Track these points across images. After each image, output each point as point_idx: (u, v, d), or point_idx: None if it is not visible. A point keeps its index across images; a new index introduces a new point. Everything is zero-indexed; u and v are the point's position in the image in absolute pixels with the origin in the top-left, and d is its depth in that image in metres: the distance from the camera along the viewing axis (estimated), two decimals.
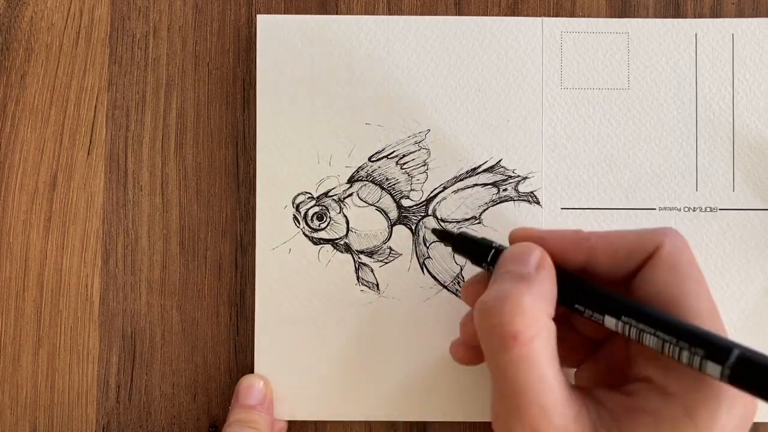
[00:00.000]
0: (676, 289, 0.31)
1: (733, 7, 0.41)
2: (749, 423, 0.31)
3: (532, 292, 0.30)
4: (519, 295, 0.30)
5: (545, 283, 0.31)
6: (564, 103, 0.40)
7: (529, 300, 0.30)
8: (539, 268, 0.32)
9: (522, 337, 0.29)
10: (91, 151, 0.41)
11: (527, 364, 0.29)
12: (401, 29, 0.41)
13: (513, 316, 0.29)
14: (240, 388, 0.39)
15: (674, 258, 0.31)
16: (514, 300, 0.30)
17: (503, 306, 0.30)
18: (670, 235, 0.32)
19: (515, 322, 0.29)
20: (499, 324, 0.29)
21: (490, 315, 0.30)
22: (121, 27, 0.41)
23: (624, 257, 0.32)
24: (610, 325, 0.31)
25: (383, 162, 0.40)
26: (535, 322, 0.30)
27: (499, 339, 0.29)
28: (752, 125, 0.40)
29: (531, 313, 0.30)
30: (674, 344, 0.29)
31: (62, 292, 0.41)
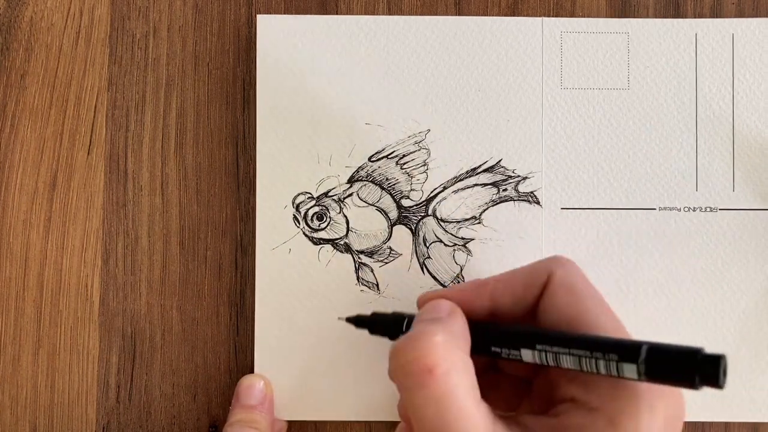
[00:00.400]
0: (576, 308, 0.32)
1: (733, 7, 0.41)
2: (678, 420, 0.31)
3: (444, 329, 0.31)
4: (432, 333, 0.30)
5: (457, 324, 0.32)
6: (564, 103, 0.40)
7: (442, 336, 0.30)
8: (450, 314, 0.32)
9: (437, 371, 0.29)
10: (91, 151, 0.41)
11: (446, 399, 0.29)
12: (401, 29, 0.41)
13: (427, 350, 0.29)
14: (240, 388, 0.39)
15: (567, 281, 0.32)
16: (426, 336, 0.30)
17: (416, 342, 0.30)
18: (559, 261, 0.33)
19: (429, 355, 0.29)
20: (414, 359, 0.29)
21: (404, 353, 0.30)
22: (121, 27, 0.41)
23: (522, 292, 0.33)
24: (527, 357, 0.32)
25: (383, 162, 0.40)
26: (449, 355, 0.30)
27: (415, 376, 0.29)
28: (752, 125, 0.40)
29: (444, 347, 0.30)
30: (589, 357, 0.30)
31: (62, 292, 0.41)
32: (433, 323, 0.31)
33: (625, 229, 0.40)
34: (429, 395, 0.29)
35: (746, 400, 0.39)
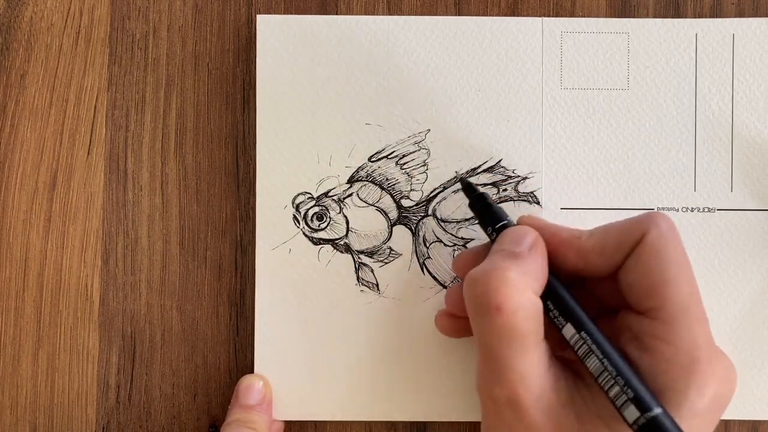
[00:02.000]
0: (657, 276, 0.32)
1: (733, 7, 0.41)
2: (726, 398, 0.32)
3: (519, 268, 0.32)
4: (506, 269, 0.31)
5: (534, 263, 0.32)
6: (564, 103, 0.40)
7: (515, 274, 0.31)
8: (531, 249, 0.33)
9: (505, 308, 0.30)
10: (91, 151, 0.41)
11: (508, 334, 0.31)
12: (401, 29, 0.41)
13: (498, 288, 0.31)
14: (239, 387, 0.39)
15: (658, 244, 0.32)
16: (500, 273, 0.31)
17: (489, 278, 0.31)
18: (656, 219, 0.33)
19: (499, 293, 0.31)
20: (484, 294, 0.31)
21: (476, 285, 0.31)
22: (121, 27, 0.41)
23: (613, 251, 0.33)
24: (567, 334, 0.33)
25: (383, 162, 0.40)
26: (518, 295, 0.31)
27: (484, 308, 0.31)
28: (751, 125, 0.40)
29: (515, 287, 0.31)
30: (612, 376, 0.31)
31: (62, 292, 0.41)
32: (510, 258, 0.32)
33: None
34: (493, 327, 0.31)
35: (746, 399, 0.39)
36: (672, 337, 0.31)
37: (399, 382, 0.39)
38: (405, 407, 0.39)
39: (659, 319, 0.32)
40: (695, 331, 0.31)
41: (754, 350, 0.40)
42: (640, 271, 0.32)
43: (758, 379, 0.40)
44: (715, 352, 0.32)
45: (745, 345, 0.40)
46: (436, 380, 0.39)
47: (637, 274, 0.32)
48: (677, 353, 0.31)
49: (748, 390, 0.40)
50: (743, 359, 0.40)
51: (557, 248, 0.34)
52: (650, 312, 0.32)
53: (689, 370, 0.31)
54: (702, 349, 0.31)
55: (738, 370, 0.39)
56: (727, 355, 0.33)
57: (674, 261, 0.32)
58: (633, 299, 0.33)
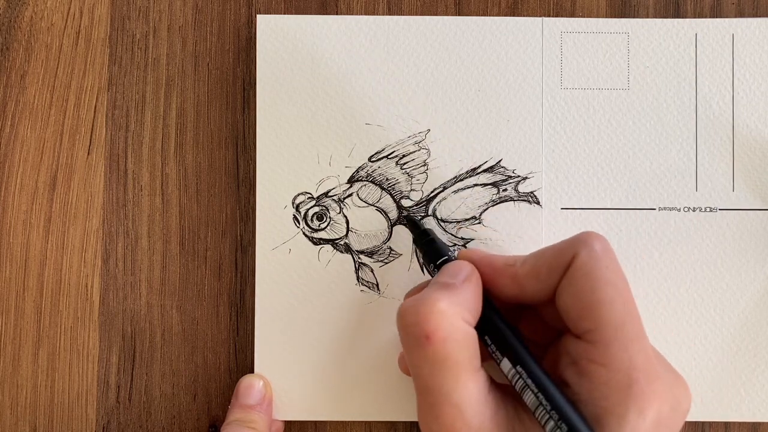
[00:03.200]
0: (589, 297, 0.31)
1: (733, 7, 0.41)
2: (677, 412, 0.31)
3: (450, 298, 0.32)
4: (436, 299, 0.31)
5: (466, 293, 0.32)
6: (564, 103, 0.40)
7: (445, 304, 0.31)
8: (465, 281, 0.33)
9: (435, 337, 0.30)
10: (91, 151, 0.41)
11: (440, 363, 0.30)
12: (401, 29, 0.41)
13: (427, 316, 0.31)
14: (239, 387, 0.39)
15: (588, 265, 0.32)
16: (430, 302, 0.31)
17: (419, 307, 0.31)
18: (586, 242, 0.32)
19: (429, 322, 0.31)
20: (414, 324, 0.31)
21: (406, 315, 0.31)
22: (121, 27, 0.41)
23: (546, 275, 0.33)
24: (504, 368, 0.33)
25: (383, 162, 0.40)
26: (448, 324, 0.31)
27: (414, 338, 0.31)
28: (752, 125, 0.40)
29: (445, 316, 0.31)
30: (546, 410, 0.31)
31: (62, 292, 0.41)
32: (442, 289, 0.32)
33: (625, 229, 0.40)
34: (425, 357, 0.31)
35: (746, 400, 0.39)
36: (608, 360, 0.31)
37: (399, 382, 0.39)
38: (405, 407, 0.39)
39: (594, 342, 0.31)
40: (631, 351, 0.31)
41: (756, 351, 0.39)
42: (573, 293, 0.32)
43: (761, 380, 0.39)
44: (655, 370, 0.31)
45: (747, 345, 0.39)
46: None
47: (569, 297, 0.32)
48: (614, 376, 0.30)
49: (749, 391, 0.39)
50: (745, 360, 0.39)
51: (494, 278, 0.34)
52: (586, 335, 0.32)
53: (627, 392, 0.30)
54: (639, 370, 0.30)
55: (739, 371, 0.39)
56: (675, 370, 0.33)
57: (606, 280, 0.32)
58: (569, 322, 0.32)
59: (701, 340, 0.39)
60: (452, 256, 0.36)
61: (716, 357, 0.39)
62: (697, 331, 0.39)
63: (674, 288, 0.40)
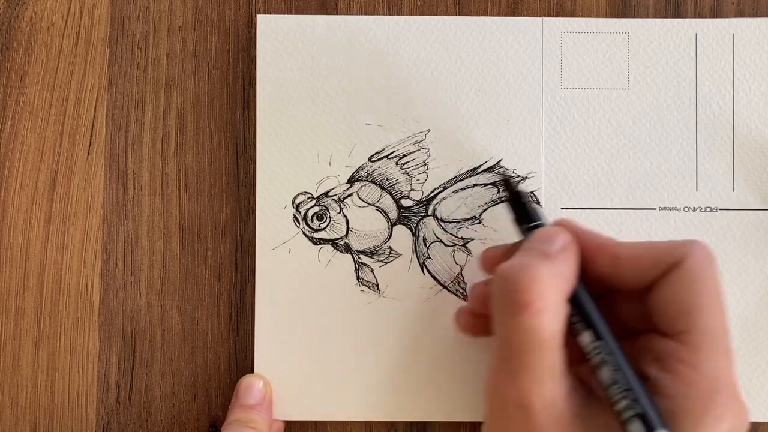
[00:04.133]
0: (691, 300, 0.32)
1: (733, 7, 0.41)
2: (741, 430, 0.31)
3: (550, 268, 0.31)
4: (537, 267, 0.31)
5: (565, 265, 0.32)
6: (564, 103, 0.40)
7: (546, 274, 0.31)
8: (563, 250, 0.32)
9: (532, 307, 0.30)
10: (91, 151, 0.41)
11: (531, 332, 0.30)
12: (401, 29, 0.41)
13: (528, 285, 0.30)
14: (240, 387, 0.39)
15: (697, 271, 0.32)
16: (532, 270, 0.31)
17: (521, 274, 0.31)
18: (696, 248, 0.32)
19: (529, 290, 0.30)
20: (514, 290, 0.31)
21: (507, 281, 0.31)
22: (121, 27, 0.41)
23: (648, 266, 0.33)
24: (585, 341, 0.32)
25: (383, 162, 0.40)
26: (548, 296, 0.31)
27: (511, 304, 0.31)
28: (752, 125, 0.40)
29: (545, 287, 0.31)
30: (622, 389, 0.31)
31: (62, 292, 0.41)
32: (541, 258, 0.32)
33: (625, 229, 0.40)
34: (519, 325, 0.30)
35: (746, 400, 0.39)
36: (697, 363, 0.31)
37: (399, 382, 0.39)
38: (405, 407, 0.39)
39: (686, 344, 0.31)
40: (720, 363, 0.31)
41: (757, 351, 0.39)
42: (675, 292, 0.32)
43: (761, 380, 0.39)
44: (737, 389, 0.31)
45: (748, 346, 0.39)
46: (436, 380, 0.39)
47: (671, 296, 0.32)
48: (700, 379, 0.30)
49: (749, 392, 0.39)
50: (746, 360, 0.39)
51: (592, 252, 0.33)
52: (678, 336, 0.32)
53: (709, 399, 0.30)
54: (726, 382, 0.31)
55: (740, 371, 0.39)
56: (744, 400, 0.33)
57: (711, 289, 0.32)
58: (661, 321, 0.32)
59: None
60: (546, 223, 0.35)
61: None
62: None
63: None
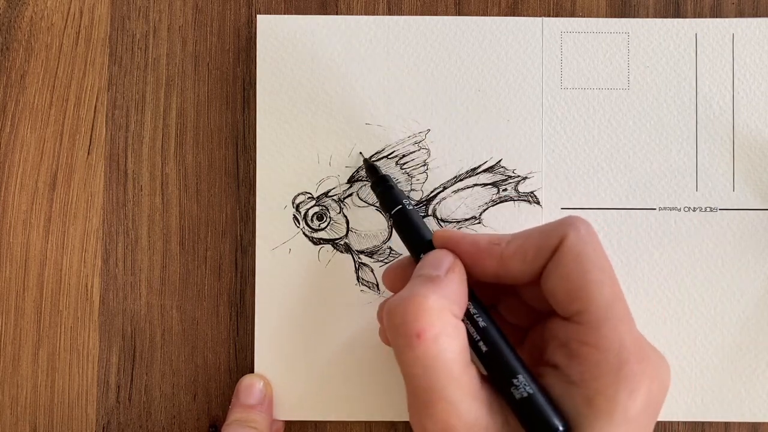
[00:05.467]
0: (578, 279, 0.31)
1: (733, 7, 0.41)
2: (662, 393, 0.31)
3: (437, 292, 0.31)
4: (423, 295, 0.31)
5: (452, 285, 0.32)
6: (564, 103, 0.40)
7: (433, 300, 0.30)
8: (449, 272, 0.32)
9: (426, 335, 0.30)
10: (91, 151, 0.41)
11: (432, 362, 0.30)
12: (401, 29, 0.41)
13: (416, 315, 0.30)
14: (240, 387, 0.39)
15: (578, 248, 0.32)
16: (417, 300, 0.30)
17: (407, 306, 0.30)
18: (574, 224, 0.32)
19: (418, 320, 0.30)
20: (403, 323, 0.30)
21: (395, 315, 0.31)
22: (121, 27, 0.41)
23: (533, 257, 0.33)
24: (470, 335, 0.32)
25: (383, 162, 0.40)
26: (438, 320, 0.30)
27: (404, 338, 0.30)
28: (752, 125, 0.40)
29: (434, 312, 0.30)
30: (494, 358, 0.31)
31: (62, 292, 0.41)
32: (427, 283, 0.31)
33: (625, 229, 0.40)
34: (417, 357, 0.30)
35: (746, 400, 0.39)
36: (598, 340, 0.31)
37: (399, 382, 0.39)
38: (405, 407, 0.39)
39: (584, 323, 0.31)
40: (621, 332, 0.31)
41: (756, 351, 0.39)
42: (561, 275, 0.32)
43: (761, 380, 0.39)
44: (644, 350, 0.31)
45: (748, 346, 0.39)
46: None
47: (558, 279, 0.32)
48: (605, 356, 0.30)
49: (749, 392, 0.39)
50: (745, 360, 0.39)
51: (478, 258, 0.33)
52: (574, 316, 0.31)
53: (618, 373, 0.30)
54: (630, 350, 0.30)
55: (740, 371, 0.39)
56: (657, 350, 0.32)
57: (594, 263, 0.32)
58: (557, 304, 0.32)
59: (701, 340, 0.39)
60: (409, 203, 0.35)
61: (716, 357, 0.39)
62: (697, 331, 0.39)
63: (674, 288, 0.40)
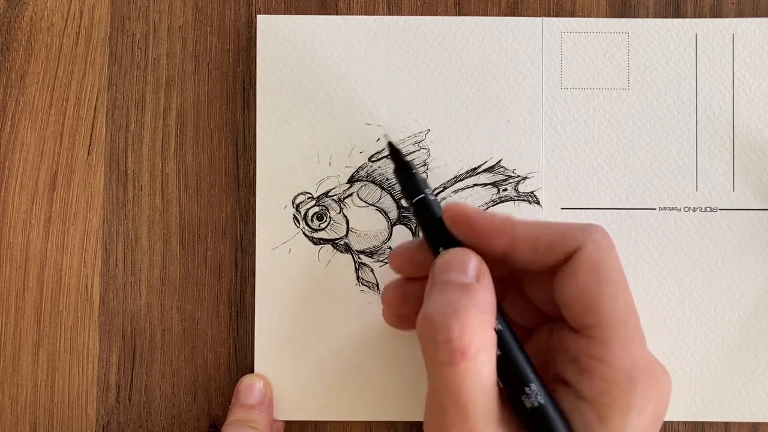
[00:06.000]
0: (593, 293, 0.31)
1: (733, 7, 0.41)
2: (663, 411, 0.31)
3: (475, 304, 0.30)
4: (466, 309, 0.30)
5: (486, 294, 0.31)
6: (564, 103, 0.40)
7: (473, 313, 0.30)
8: (480, 278, 0.31)
9: (469, 352, 0.29)
10: (91, 151, 0.41)
11: (472, 378, 0.29)
12: (401, 29, 0.41)
13: (462, 331, 0.29)
14: (240, 387, 0.39)
15: (595, 260, 0.31)
16: (460, 314, 0.29)
17: (452, 321, 0.29)
18: (593, 234, 0.32)
19: (462, 336, 0.29)
20: (448, 340, 0.29)
21: (438, 330, 0.29)
22: (121, 27, 0.41)
23: (544, 251, 0.32)
24: None
25: (383, 162, 0.40)
26: (481, 335, 0.29)
27: (446, 353, 0.29)
28: (752, 125, 0.40)
29: (475, 327, 0.29)
30: None
31: (62, 292, 0.41)
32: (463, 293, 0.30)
33: (625, 229, 0.40)
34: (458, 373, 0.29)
35: (746, 400, 0.39)
36: (609, 357, 0.30)
37: (399, 382, 0.39)
38: (405, 407, 0.39)
39: (595, 338, 0.31)
40: (632, 350, 0.31)
41: (756, 351, 0.39)
42: (576, 286, 0.31)
43: (761, 380, 0.39)
44: (652, 368, 0.31)
45: (748, 346, 0.39)
46: None
47: (572, 289, 0.31)
48: (616, 373, 0.30)
49: (749, 392, 0.39)
50: (745, 360, 0.39)
51: (489, 234, 0.32)
52: (586, 330, 0.31)
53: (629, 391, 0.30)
54: (640, 369, 0.30)
55: (740, 371, 0.39)
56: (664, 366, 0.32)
57: (611, 278, 0.31)
58: (569, 315, 0.32)
59: (701, 340, 0.39)
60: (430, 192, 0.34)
61: (716, 357, 0.39)
62: (697, 331, 0.39)
63: (674, 288, 0.40)
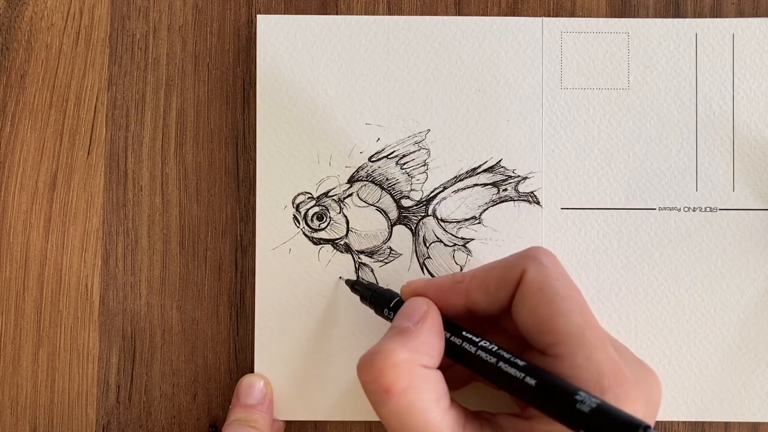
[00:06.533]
0: (545, 311, 0.31)
1: (733, 7, 0.41)
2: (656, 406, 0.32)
3: (405, 345, 0.31)
4: (390, 350, 0.31)
5: (422, 335, 0.32)
6: (564, 103, 0.40)
7: (400, 353, 0.31)
8: (420, 322, 0.32)
9: (394, 390, 0.30)
10: (91, 151, 0.41)
11: (405, 414, 0.30)
12: (401, 29, 0.41)
13: (382, 371, 0.30)
14: (240, 387, 0.39)
15: (539, 280, 0.32)
16: (384, 356, 0.31)
17: (374, 362, 0.31)
18: (533, 256, 0.33)
19: (385, 375, 0.30)
20: (372, 380, 0.31)
21: (364, 371, 0.31)
22: (121, 27, 0.41)
23: (495, 289, 0.33)
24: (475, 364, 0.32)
25: (383, 162, 0.40)
26: (405, 374, 0.30)
27: (374, 394, 0.31)
28: (752, 125, 0.40)
29: (401, 366, 0.30)
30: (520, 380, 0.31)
31: (62, 292, 0.41)
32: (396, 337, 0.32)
33: (625, 229, 0.40)
34: (390, 411, 0.30)
35: (746, 400, 0.39)
36: (575, 372, 0.30)
37: None
38: None
39: (560, 356, 0.31)
40: (596, 359, 0.31)
41: (756, 351, 0.39)
42: (528, 309, 0.32)
43: (761, 380, 0.39)
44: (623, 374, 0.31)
45: (748, 346, 0.39)
46: None
47: (525, 313, 0.32)
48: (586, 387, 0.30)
49: (749, 391, 0.39)
50: (745, 360, 0.39)
51: (445, 298, 0.34)
52: (549, 350, 0.32)
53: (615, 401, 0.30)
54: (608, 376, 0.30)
55: (740, 371, 0.39)
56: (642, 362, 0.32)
57: (559, 293, 0.32)
58: (531, 338, 0.32)
59: (701, 340, 0.39)
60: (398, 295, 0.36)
61: (716, 357, 0.39)
62: (697, 331, 0.39)
63: (674, 288, 0.40)
